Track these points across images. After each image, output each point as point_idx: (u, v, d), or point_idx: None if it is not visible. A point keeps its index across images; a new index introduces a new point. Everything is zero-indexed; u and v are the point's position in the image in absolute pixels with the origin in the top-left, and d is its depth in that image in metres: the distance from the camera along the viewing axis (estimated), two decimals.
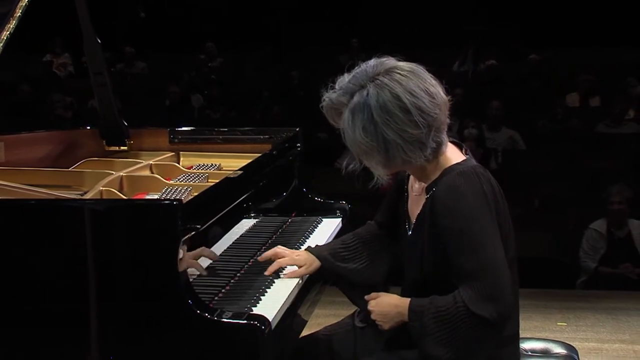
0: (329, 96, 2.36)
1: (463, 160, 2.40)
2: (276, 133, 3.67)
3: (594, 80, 9.65)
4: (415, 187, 2.51)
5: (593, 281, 6.50)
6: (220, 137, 3.76)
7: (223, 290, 2.52)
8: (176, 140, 3.77)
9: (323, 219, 3.39)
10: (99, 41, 3.56)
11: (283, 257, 2.68)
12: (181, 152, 3.72)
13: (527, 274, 6.19)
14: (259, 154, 3.32)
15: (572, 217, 6.98)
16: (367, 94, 2.28)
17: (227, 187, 2.78)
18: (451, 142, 2.45)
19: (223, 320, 2.19)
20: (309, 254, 2.71)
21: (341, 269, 2.68)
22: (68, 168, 3.40)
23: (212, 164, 3.55)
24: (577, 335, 5.13)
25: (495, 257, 2.26)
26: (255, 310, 2.36)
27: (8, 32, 3.05)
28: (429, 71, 2.38)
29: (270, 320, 2.26)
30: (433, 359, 2.28)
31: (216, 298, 2.46)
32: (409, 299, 2.39)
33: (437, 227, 2.32)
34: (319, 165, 7.08)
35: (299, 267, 2.67)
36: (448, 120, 2.37)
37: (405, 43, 11.46)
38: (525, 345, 2.79)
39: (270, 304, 2.43)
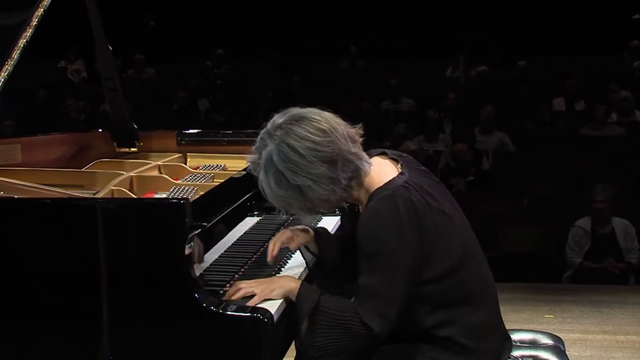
0: (249, 160, 2.40)
1: (390, 181, 2.36)
2: None
3: (579, 86, 9.65)
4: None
5: (578, 276, 6.50)
6: (225, 139, 3.75)
7: (228, 285, 2.52)
8: (183, 142, 3.76)
9: (322, 217, 3.38)
10: (110, 48, 3.56)
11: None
12: (188, 154, 3.71)
13: (517, 269, 6.20)
14: None
15: (559, 215, 6.97)
16: (270, 150, 2.31)
17: (232, 186, 2.78)
18: (390, 158, 2.46)
19: (228, 313, 2.19)
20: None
21: (329, 248, 2.66)
22: (81, 168, 3.40)
23: (217, 165, 3.54)
24: (563, 326, 5.12)
25: (395, 281, 2.28)
26: (259, 304, 2.35)
27: (25, 40, 3.04)
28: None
29: (273, 313, 2.25)
30: (304, 342, 2.33)
31: (221, 292, 2.46)
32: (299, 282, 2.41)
33: (357, 236, 2.34)
34: None
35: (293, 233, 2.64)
36: (357, 150, 2.36)
37: (401, 50, 11.48)
38: (514, 337, 2.78)
39: None
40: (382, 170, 2.42)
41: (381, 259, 2.28)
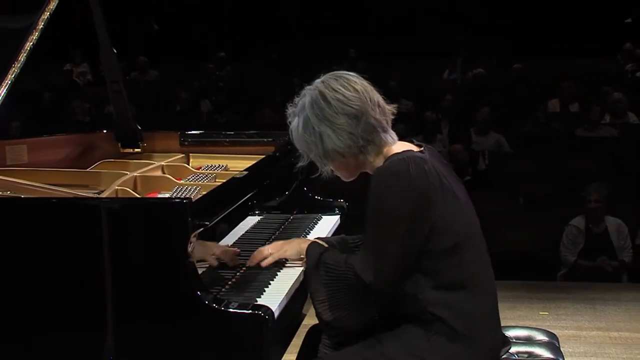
0: (289, 112, 2.52)
1: (408, 150, 2.45)
2: (279, 136, 3.66)
3: (574, 88, 9.65)
4: None
5: (572, 273, 6.50)
6: (227, 139, 3.75)
7: (230, 283, 2.52)
8: (186, 143, 3.76)
9: (322, 216, 3.38)
10: (115, 51, 3.56)
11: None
12: (191, 154, 3.71)
13: (512, 267, 6.20)
14: (263, 156, 3.32)
15: (554, 214, 6.97)
16: (306, 98, 2.47)
17: (234, 186, 2.78)
18: (416, 144, 2.52)
19: (230, 310, 2.19)
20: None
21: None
22: (86, 169, 3.40)
23: (219, 165, 3.54)
24: (557, 323, 5.13)
25: (391, 236, 2.33)
26: (260, 301, 2.36)
27: (31, 43, 3.05)
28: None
29: (274, 310, 2.25)
30: (312, 296, 2.47)
31: (223, 290, 2.46)
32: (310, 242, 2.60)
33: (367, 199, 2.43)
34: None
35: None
36: (383, 119, 2.45)
37: (400, 52, 11.48)
38: (510, 333, 2.79)
39: (274, 295, 2.43)
40: (403, 146, 2.49)
41: (381, 214, 2.34)
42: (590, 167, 7.66)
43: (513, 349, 2.66)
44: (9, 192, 2.75)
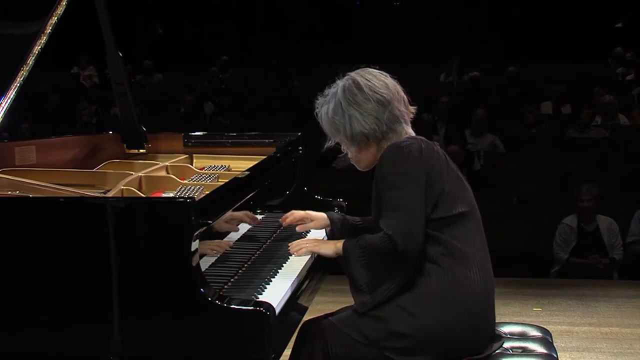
0: (318, 102, 2.67)
1: (419, 136, 2.62)
2: (280, 137, 3.66)
3: (566, 90, 9.65)
4: None
5: (565, 271, 6.50)
6: (230, 141, 3.75)
7: (232, 280, 2.52)
8: (190, 144, 3.76)
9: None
10: (120, 55, 3.56)
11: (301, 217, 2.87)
12: (194, 155, 3.70)
13: (506, 264, 6.22)
14: (265, 157, 3.32)
15: (546, 213, 6.97)
16: (338, 85, 2.63)
17: (236, 186, 2.78)
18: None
19: (232, 306, 2.19)
20: (324, 214, 2.89)
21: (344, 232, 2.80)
22: (92, 169, 3.39)
23: (222, 165, 3.54)
24: (550, 319, 5.12)
25: (410, 199, 2.45)
26: (261, 298, 2.36)
27: (39, 47, 3.04)
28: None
29: (275, 306, 2.25)
30: (355, 281, 2.50)
31: (226, 287, 2.46)
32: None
33: (375, 177, 2.55)
34: (319, 166, 7.09)
35: (312, 220, 2.86)
36: (405, 114, 2.61)
37: (396, 57, 11.53)
38: (505, 329, 2.78)
39: (275, 292, 2.43)
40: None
41: (399, 175, 2.47)
42: (581, 168, 7.66)
43: (507, 344, 2.65)
44: (18, 192, 2.75)
